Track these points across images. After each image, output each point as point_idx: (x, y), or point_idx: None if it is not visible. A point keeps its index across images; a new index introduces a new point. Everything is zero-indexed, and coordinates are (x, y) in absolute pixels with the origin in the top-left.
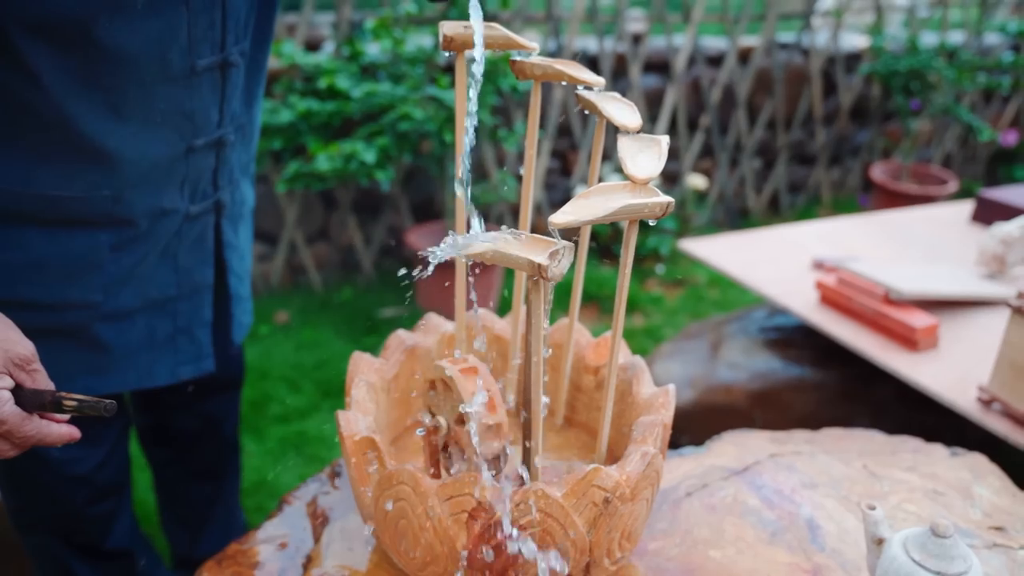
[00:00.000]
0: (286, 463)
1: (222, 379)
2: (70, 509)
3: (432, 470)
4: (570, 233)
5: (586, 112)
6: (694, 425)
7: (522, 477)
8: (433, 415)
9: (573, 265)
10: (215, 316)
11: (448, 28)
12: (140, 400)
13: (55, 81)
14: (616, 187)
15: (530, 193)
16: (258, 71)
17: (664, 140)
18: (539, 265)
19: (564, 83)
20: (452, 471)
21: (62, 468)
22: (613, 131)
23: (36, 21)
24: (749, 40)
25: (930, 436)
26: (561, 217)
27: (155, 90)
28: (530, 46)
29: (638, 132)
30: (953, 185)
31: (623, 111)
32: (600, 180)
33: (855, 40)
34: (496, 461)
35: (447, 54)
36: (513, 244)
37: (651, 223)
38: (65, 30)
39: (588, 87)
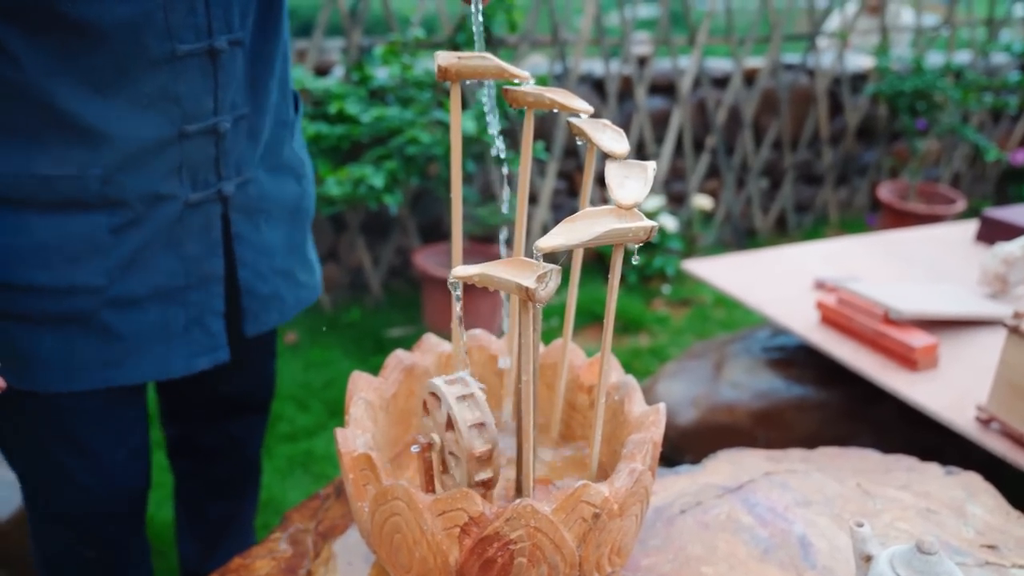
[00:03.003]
0: (293, 481)
1: (254, 400)
2: (80, 510)
3: (427, 486)
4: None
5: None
6: (696, 444)
7: (514, 493)
8: (427, 433)
9: (567, 286)
10: (229, 310)
11: (442, 59)
12: (170, 411)
13: (33, 62)
14: (602, 211)
15: (524, 216)
16: (264, 63)
17: (650, 166)
18: (527, 288)
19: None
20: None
21: (76, 470)
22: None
23: (2, 3)
24: (754, 61)
25: (932, 455)
26: (546, 241)
27: (135, 72)
28: (522, 75)
29: (625, 158)
30: (961, 204)
31: (611, 138)
32: (605, 203)
33: (861, 60)
34: (487, 482)
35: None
36: (502, 268)
37: (636, 246)
38: (31, 9)
39: (577, 114)
